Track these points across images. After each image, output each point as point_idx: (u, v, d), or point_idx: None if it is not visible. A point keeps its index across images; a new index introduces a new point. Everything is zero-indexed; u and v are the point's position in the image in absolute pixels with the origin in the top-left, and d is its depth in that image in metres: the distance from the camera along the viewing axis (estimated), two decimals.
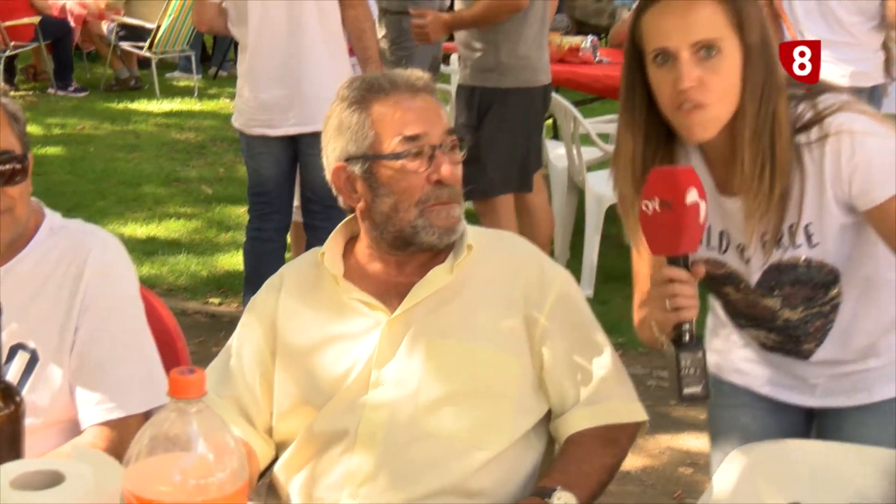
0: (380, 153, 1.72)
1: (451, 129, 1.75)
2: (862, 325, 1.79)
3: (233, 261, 4.99)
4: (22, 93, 9.13)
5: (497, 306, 1.75)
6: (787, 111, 1.64)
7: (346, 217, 1.85)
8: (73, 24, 9.27)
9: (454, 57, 4.13)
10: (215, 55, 10.24)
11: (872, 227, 1.66)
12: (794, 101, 1.66)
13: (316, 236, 3.74)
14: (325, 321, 1.77)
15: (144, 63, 9.38)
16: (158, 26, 8.98)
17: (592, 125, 4.72)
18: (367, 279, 1.78)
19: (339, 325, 1.76)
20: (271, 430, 1.79)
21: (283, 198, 3.95)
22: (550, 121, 5.33)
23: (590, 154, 4.68)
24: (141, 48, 9.13)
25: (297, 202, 4.00)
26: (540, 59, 3.99)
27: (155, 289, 4.46)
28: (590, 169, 4.65)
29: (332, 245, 1.82)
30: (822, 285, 1.74)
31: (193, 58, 9.45)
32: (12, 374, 1.70)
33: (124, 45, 9.24)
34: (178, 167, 6.85)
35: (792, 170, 1.64)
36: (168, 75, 9.76)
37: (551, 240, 4.58)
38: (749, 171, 1.63)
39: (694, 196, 1.53)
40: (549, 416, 1.76)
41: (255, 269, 3.85)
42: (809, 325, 1.79)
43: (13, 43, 8.85)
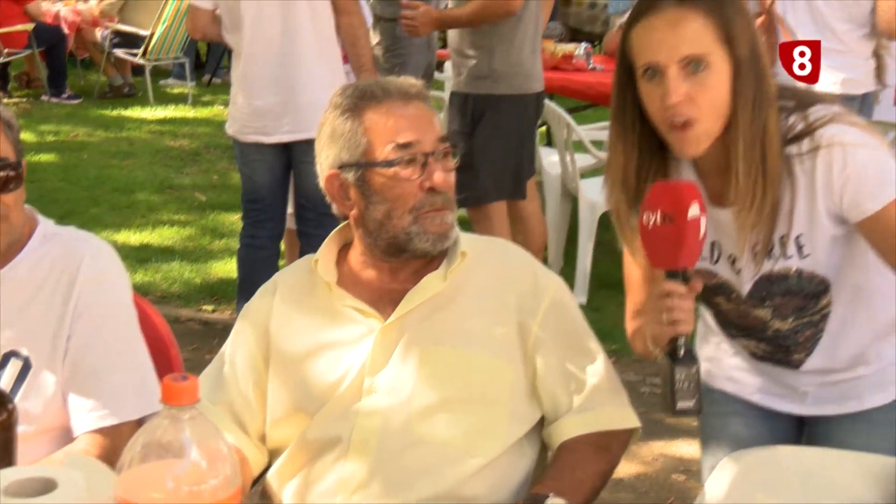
0: (373, 160, 1.72)
1: (444, 137, 1.76)
2: (851, 333, 1.79)
3: (226, 268, 4.98)
4: (15, 100, 9.12)
5: (490, 313, 1.75)
6: (778, 122, 1.64)
7: (340, 224, 1.86)
8: (66, 31, 9.27)
9: (448, 64, 4.14)
10: (209, 62, 10.24)
11: (864, 238, 1.66)
12: (785, 112, 1.66)
13: (310, 243, 3.74)
14: (318, 328, 1.77)
15: (138, 70, 9.38)
16: (152, 33, 8.98)
17: (586, 132, 4.73)
18: (360, 286, 1.79)
19: (332, 332, 1.76)
20: (264, 436, 1.79)
21: (277, 205, 3.95)
22: (544, 128, 5.34)
23: (583, 161, 4.69)
24: (135, 55, 9.13)
25: (290, 209, 4.01)
26: (533, 66, 3.99)
27: (148, 296, 4.46)
28: (583, 176, 4.66)
29: (326, 252, 1.82)
30: (812, 295, 1.75)
31: (187, 65, 9.45)
32: (5, 382, 1.70)
33: (118, 52, 9.24)
34: (172, 174, 6.85)
35: (782, 181, 1.64)
36: (162, 82, 9.76)
37: (544, 247, 4.58)
38: (744, 183, 1.63)
39: (696, 211, 1.55)
40: (542, 422, 1.77)
41: (249, 277, 3.85)
42: (800, 335, 1.80)
43: (7, 50, 8.86)
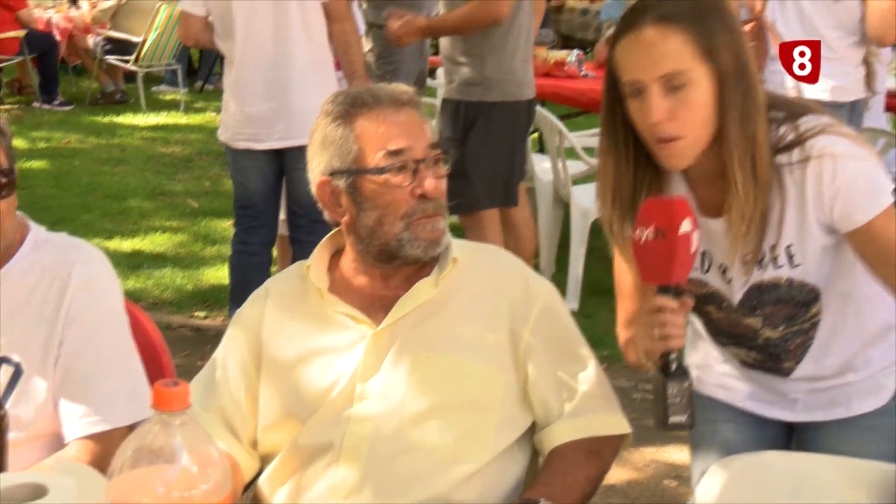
0: (364, 167, 1.73)
1: (435, 143, 1.76)
2: (841, 341, 1.80)
3: (218, 274, 4.98)
4: (7, 106, 9.12)
5: (482, 320, 1.75)
6: (768, 132, 1.64)
7: (332, 230, 1.86)
8: (58, 37, 9.26)
9: (441, 71, 4.14)
10: (201, 69, 10.25)
11: (852, 249, 1.67)
12: (776, 123, 1.66)
13: (302, 250, 3.74)
14: (310, 334, 1.77)
15: (130, 77, 9.38)
16: (144, 40, 8.98)
17: (578, 139, 4.74)
18: (352, 292, 1.79)
19: (323, 339, 1.76)
20: (256, 442, 1.79)
21: (269, 211, 3.95)
22: (536, 134, 5.35)
23: (575, 168, 4.70)
24: (127, 62, 9.13)
25: (282, 216, 4.01)
26: (525, 73, 4.00)
27: (140, 302, 4.45)
28: (575, 182, 4.67)
29: (318, 258, 1.83)
30: (803, 304, 1.75)
31: (179, 71, 9.45)
32: None
33: (110, 58, 9.24)
34: (164, 181, 6.85)
35: (772, 191, 1.65)
36: (154, 89, 9.76)
37: (535, 253, 4.59)
38: (743, 193, 1.64)
39: (688, 226, 1.56)
40: (533, 428, 1.77)
41: (241, 283, 3.85)
42: (790, 343, 1.80)
43: None
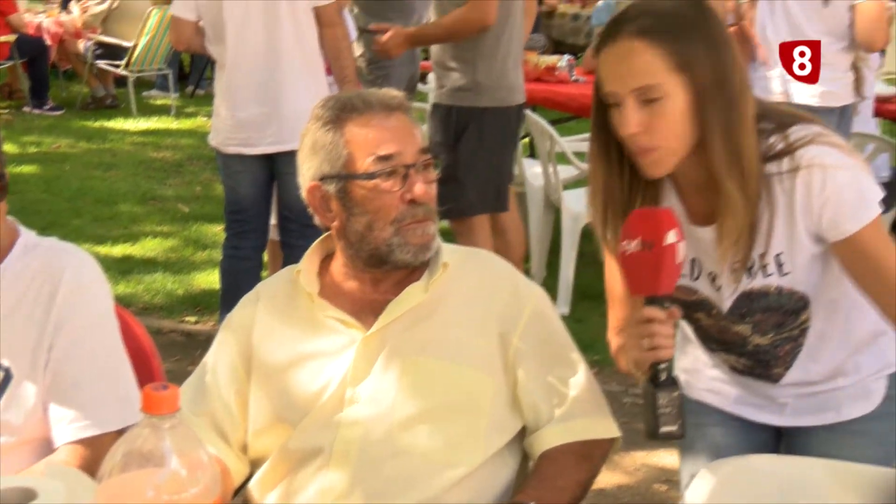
0: (353, 173, 1.73)
1: (426, 148, 1.76)
2: (830, 347, 1.81)
3: (209, 279, 4.98)
4: None
5: (472, 324, 1.76)
6: (754, 143, 1.64)
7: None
8: (49, 42, 9.24)
9: (432, 76, 4.14)
10: (192, 74, 10.23)
11: (837, 259, 1.68)
12: (765, 133, 1.66)
13: (293, 255, 3.74)
14: (300, 339, 1.78)
15: (121, 81, 9.36)
16: (135, 45, 8.96)
17: (569, 144, 4.75)
18: (342, 297, 1.79)
19: (314, 343, 1.76)
20: (246, 446, 1.79)
21: (260, 216, 3.95)
22: (527, 139, 5.36)
23: (566, 172, 4.71)
24: (118, 66, 9.12)
25: (273, 220, 4.01)
26: (516, 78, 4.01)
27: (131, 307, 4.44)
28: (566, 187, 4.68)
29: (308, 263, 1.83)
30: (792, 311, 1.76)
31: (170, 76, 9.44)
32: None
33: (101, 63, 9.22)
34: (155, 185, 6.84)
35: (761, 200, 1.65)
36: (145, 94, 9.74)
37: (524, 257, 4.59)
38: (724, 202, 1.64)
39: (673, 237, 1.57)
40: (524, 432, 1.78)
41: (232, 288, 3.85)
42: (779, 350, 1.81)
43: None
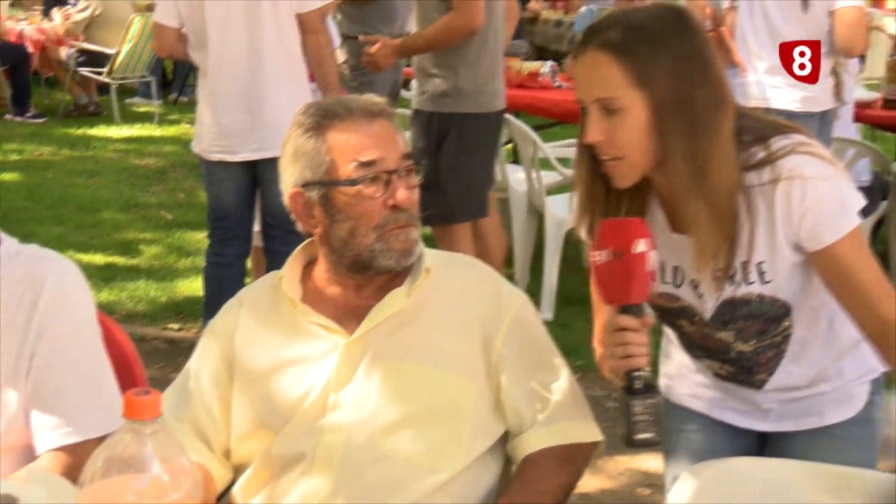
0: (336, 179, 1.73)
1: (408, 154, 1.77)
2: (813, 353, 1.81)
3: (192, 286, 4.96)
4: None
5: (454, 329, 1.76)
6: (726, 158, 1.63)
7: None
8: (30, 49, 9.21)
9: (415, 82, 4.15)
10: (175, 81, 10.21)
11: (815, 270, 1.69)
12: (746, 144, 1.66)
13: (276, 261, 3.73)
14: (282, 344, 1.78)
15: (104, 89, 9.33)
16: (118, 52, 8.94)
17: (551, 149, 4.77)
18: (325, 302, 1.79)
19: (296, 349, 1.76)
20: (229, 452, 1.79)
21: (244, 223, 3.94)
22: (510, 145, 5.37)
23: (549, 178, 4.73)
24: (100, 74, 9.09)
25: (257, 227, 4.00)
26: (497, 83, 4.02)
27: (114, 315, 4.43)
28: (549, 193, 4.69)
29: (290, 269, 1.83)
30: (774, 319, 1.77)
31: (153, 83, 9.41)
32: None
33: (83, 70, 9.19)
34: (138, 193, 6.82)
35: (740, 210, 1.66)
36: (128, 101, 9.71)
37: (505, 262, 4.60)
38: (691, 217, 1.65)
39: (643, 247, 1.57)
40: (506, 437, 1.78)
41: (215, 295, 3.84)
42: (762, 356, 1.82)
43: None
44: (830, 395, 1.84)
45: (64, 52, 9.30)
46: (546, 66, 5.52)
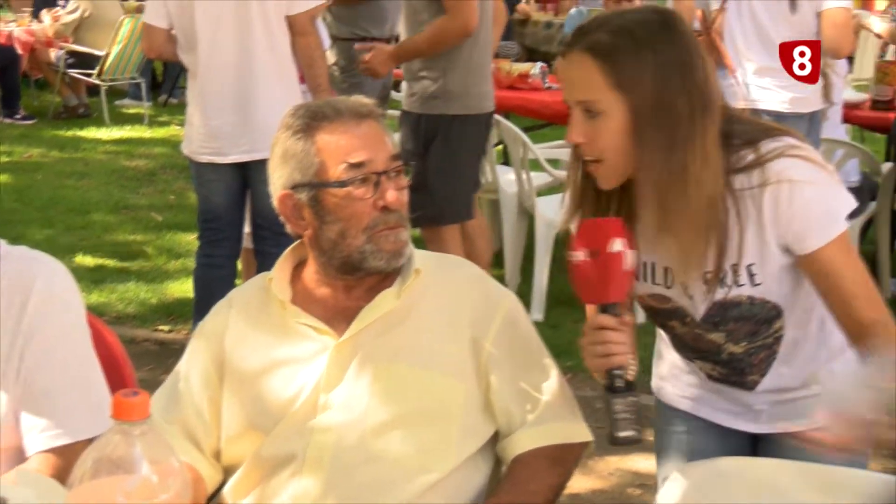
0: (325, 181, 1.73)
1: (397, 155, 1.77)
2: (804, 355, 1.82)
3: (183, 288, 4.96)
4: None
5: (444, 330, 1.76)
6: (704, 166, 1.62)
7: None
8: (20, 51, 9.18)
9: (404, 84, 4.16)
10: (165, 82, 10.19)
11: (803, 273, 1.70)
12: (735, 147, 1.66)
13: (266, 262, 3.72)
14: (272, 345, 1.78)
15: (93, 90, 9.31)
16: (108, 53, 8.92)
17: (542, 151, 4.78)
18: (314, 304, 1.79)
19: (286, 350, 1.77)
20: (219, 453, 1.79)
21: (234, 224, 3.94)
22: (500, 146, 5.38)
23: (539, 179, 4.74)
24: (90, 75, 9.07)
25: (247, 229, 4.00)
26: (486, 85, 4.02)
27: (104, 317, 4.42)
28: (539, 194, 4.70)
29: (280, 270, 1.83)
30: (765, 321, 1.77)
31: (143, 85, 9.40)
32: None
33: (73, 72, 9.17)
34: (128, 195, 6.81)
35: (729, 213, 1.66)
36: (118, 102, 9.69)
37: (494, 262, 4.60)
38: (669, 222, 1.66)
39: (618, 246, 1.59)
40: (496, 437, 1.78)
41: (206, 296, 3.83)
42: (754, 358, 1.82)
43: None
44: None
45: (53, 54, 9.28)
46: (536, 68, 5.53)
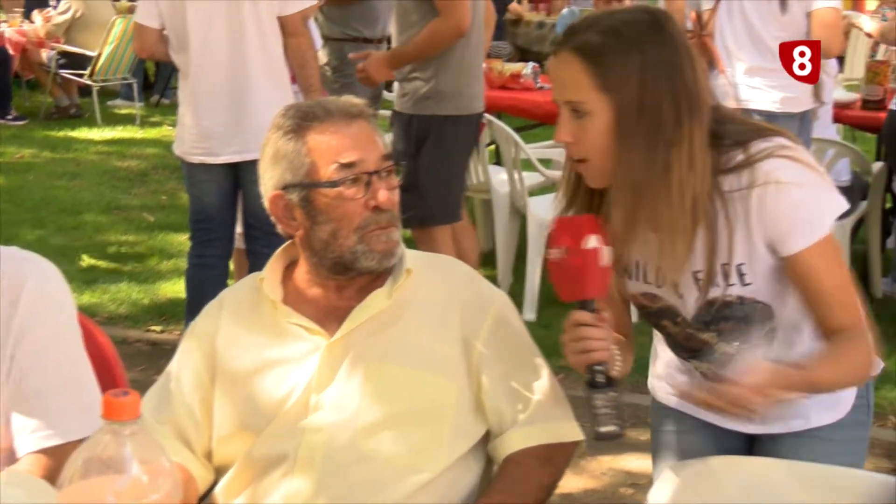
0: (316, 181, 1.73)
1: (388, 155, 1.77)
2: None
3: (175, 288, 4.95)
4: None
5: (435, 330, 1.77)
6: (688, 168, 1.62)
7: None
8: (11, 51, 9.16)
9: (396, 84, 4.16)
10: (157, 83, 10.17)
11: (786, 273, 1.70)
12: (725, 147, 1.66)
13: (258, 262, 3.69)
14: (264, 346, 1.78)
15: (85, 91, 9.29)
16: (99, 54, 8.90)
17: (534, 151, 4.78)
18: (306, 304, 1.79)
19: (278, 350, 1.77)
20: (210, 453, 1.79)
21: (226, 225, 3.94)
22: (493, 146, 5.38)
23: (531, 179, 4.75)
24: (82, 76, 9.05)
25: (239, 229, 4.00)
26: (477, 86, 4.02)
27: (96, 317, 4.42)
28: (531, 194, 4.71)
29: (271, 270, 1.83)
30: (756, 321, 1.77)
31: (135, 85, 9.38)
32: None
33: (64, 72, 9.15)
34: (120, 195, 6.80)
35: (718, 213, 1.66)
36: (109, 103, 9.67)
37: (484, 262, 4.60)
38: (652, 224, 1.66)
39: (594, 242, 1.59)
40: (488, 437, 1.79)
41: (198, 297, 3.82)
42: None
43: None
44: (816, 398, 1.84)
45: (45, 55, 9.26)
46: (528, 68, 5.53)
